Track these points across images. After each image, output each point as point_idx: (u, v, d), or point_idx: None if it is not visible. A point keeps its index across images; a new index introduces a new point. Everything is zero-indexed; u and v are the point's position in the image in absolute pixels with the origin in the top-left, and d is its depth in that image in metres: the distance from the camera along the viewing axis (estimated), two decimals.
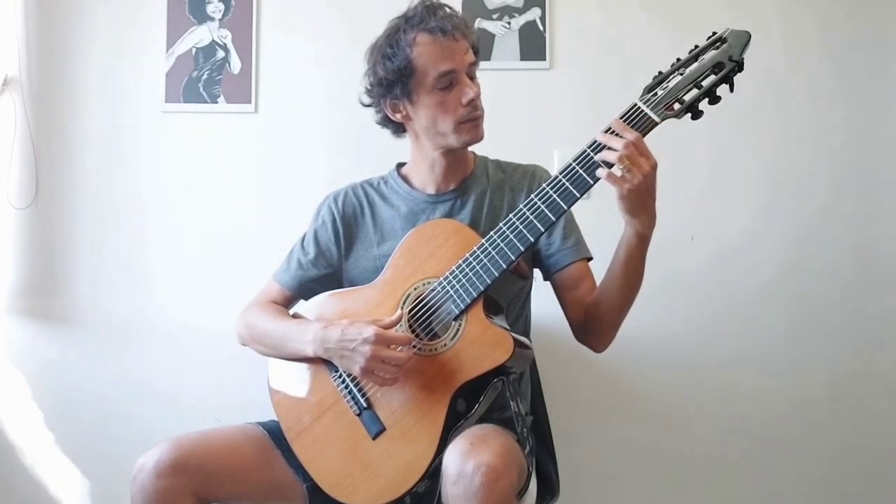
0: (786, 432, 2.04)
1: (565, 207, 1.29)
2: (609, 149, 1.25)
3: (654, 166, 1.26)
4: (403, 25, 1.45)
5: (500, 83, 1.59)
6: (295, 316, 1.55)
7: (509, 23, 2.10)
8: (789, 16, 2.06)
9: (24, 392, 2.16)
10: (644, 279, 1.35)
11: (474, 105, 1.45)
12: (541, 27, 2.09)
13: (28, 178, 2.17)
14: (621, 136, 1.24)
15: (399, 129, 1.56)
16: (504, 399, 1.37)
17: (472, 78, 1.48)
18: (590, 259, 1.52)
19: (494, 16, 2.10)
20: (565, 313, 1.51)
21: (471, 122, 1.46)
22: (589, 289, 1.46)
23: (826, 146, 2.05)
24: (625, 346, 1.99)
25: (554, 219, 1.29)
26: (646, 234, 1.32)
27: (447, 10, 1.48)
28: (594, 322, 1.45)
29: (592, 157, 1.27)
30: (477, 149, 1.60)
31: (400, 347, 1.33)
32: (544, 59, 2.09)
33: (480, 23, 2.08)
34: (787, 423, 2.03)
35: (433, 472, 1.29)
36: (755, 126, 2.06)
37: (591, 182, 1.28)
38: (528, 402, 1.58)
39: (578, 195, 1.28)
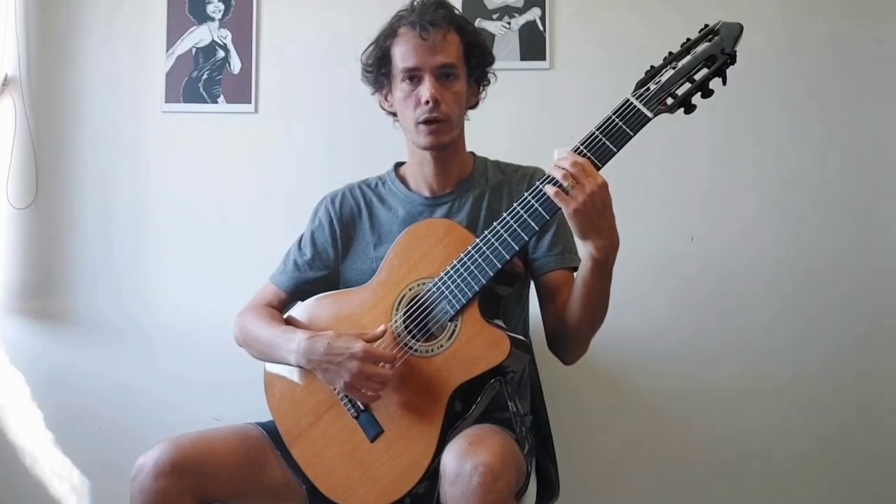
0: (786, 431, 2.03)
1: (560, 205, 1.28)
2: (558, 167, 1.25)
3: (602, 185, 1.23)
4: (401, 14, 1.48)
5: (500, 83, 1.59)
6: (288, 319, 1.54)
7: (509, 23, 2.09)
8: (790, 14, 2.06)
9: (24, 392, 2.16)
10: (644, 279, 1.34)
11: (431, 107, 1.42)
12: (541, 27, 2.09)
13: (28, 178, 2.17)
14: (568, 158, 1.24)
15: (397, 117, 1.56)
16: (502, 399, 1.36)
17: (448, 78, 1.45)
18: (575, 268, 1.48)
19: (494, 16, 2.10)
20: (542, 320, 1.49)
21: (425, 124, 1.44)
22: (565, 300, 1.43)
23: (827, 146, 2.05)
24: (625, 346, 2.00)
25: (548, 217, 1.28)
26: (600, 259, 1.27)
27: (441, 11, 1.47)
28: (561, 335, 1.44)
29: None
30: (477, 149, 1.60)
31: (385, 364, 1.32)
32: (544, 59, 2.08)
33: (480, 23, 2.08)
34: (787, 422, 2.03)
35: (432, 473, 1.29)
36: (756, 126, 2.05)
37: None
38: (527, 403, 1.58)
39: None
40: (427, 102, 1.42)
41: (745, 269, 2.04)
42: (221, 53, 2.16)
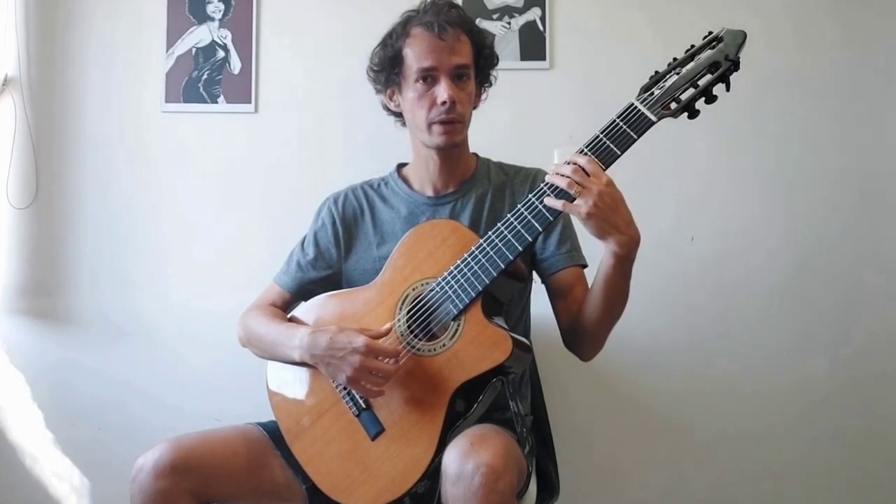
0: (787, 431, 2.03)
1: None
2: (560, 175, 1.25)
3: (608, 184, 1.24)
4: (411, 15, 1.49)
5: (500, 83, 1.59)
6: (292, 318, 1.54)
7: (509, 23, 2.10)
8: (792, 17, 2.06)
9: (24, 392, 2.16)
10: (644, 279, 1.35)
11: (448, 108, 1.43)
12: (541, 27, 2.09)
13: (28, 178, 2.17)
14: (570, 164, 1.25)
15: (401, 118, 1.56)
16: (504, 399, 1.36)
17: (462, 79, 1.46)
18: (584, 266, 1.50)
19: (494, 16, 2.10)
20: (556, 319, 1.50)
21: (441, 124, 1.45)
22: (579, 297, 1.44)
23: (826, 146, 2.05)
24: (625, 347, 2.00)
25: (551, 218, 1.29)
26: (622, 254, 1.27)
27: (454, 12, 1.48)
28: (579, 333, 1.44)
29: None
30: (477, 149, 1.60)
31: (388, 359, 1.32)
32: (544, 59, 2.09)
33: (480, 23, 2.07)
34: (787, 422, 2.03)
35: (432, 473, 1.29)
36: (756, 126, 2.06)
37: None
38: (528, 403, 1.58)
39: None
40: (444, 103, 1.42)
41: (745, 269, 2.05)
42: (221, 53, 2.16)
